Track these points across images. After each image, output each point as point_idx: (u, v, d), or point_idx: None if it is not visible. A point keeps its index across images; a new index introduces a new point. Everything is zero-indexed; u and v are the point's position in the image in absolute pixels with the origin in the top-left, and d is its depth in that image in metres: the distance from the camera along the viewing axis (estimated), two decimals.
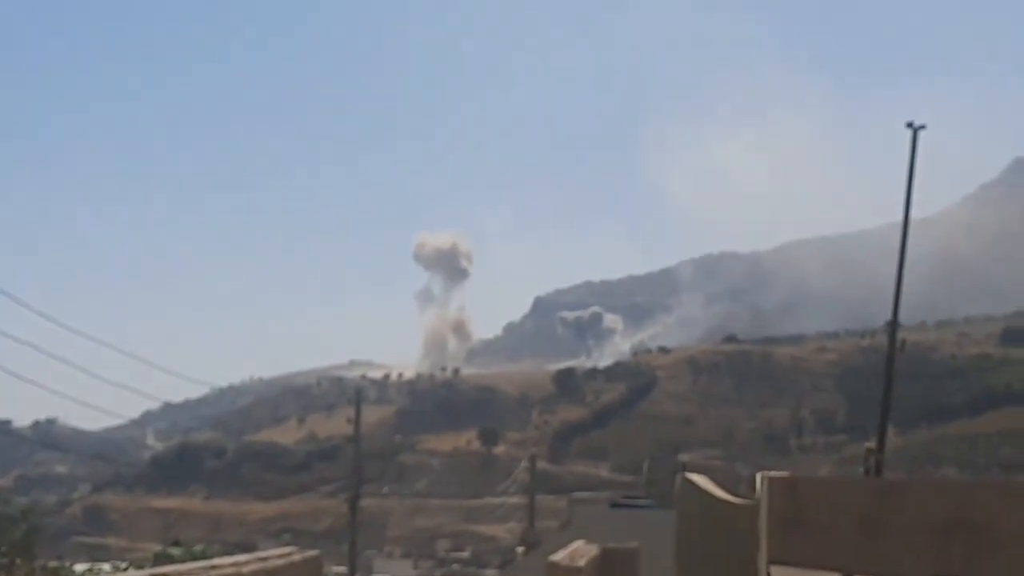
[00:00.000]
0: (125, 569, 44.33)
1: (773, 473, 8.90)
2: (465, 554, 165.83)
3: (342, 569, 51.71)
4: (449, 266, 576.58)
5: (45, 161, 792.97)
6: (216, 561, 5.30)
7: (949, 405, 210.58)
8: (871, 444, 24.40)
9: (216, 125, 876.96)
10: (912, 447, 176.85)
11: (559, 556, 6.78)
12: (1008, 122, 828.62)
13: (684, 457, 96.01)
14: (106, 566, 47.23)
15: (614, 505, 26.66)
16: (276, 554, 5.85)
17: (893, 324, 28.45)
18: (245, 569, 5.03)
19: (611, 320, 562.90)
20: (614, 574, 7.92)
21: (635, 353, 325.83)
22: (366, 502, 77.04)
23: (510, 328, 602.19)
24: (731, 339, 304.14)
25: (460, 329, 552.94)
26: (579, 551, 7.27)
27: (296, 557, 5.98)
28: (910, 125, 30.82)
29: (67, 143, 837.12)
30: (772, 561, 8.37)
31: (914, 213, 30.20)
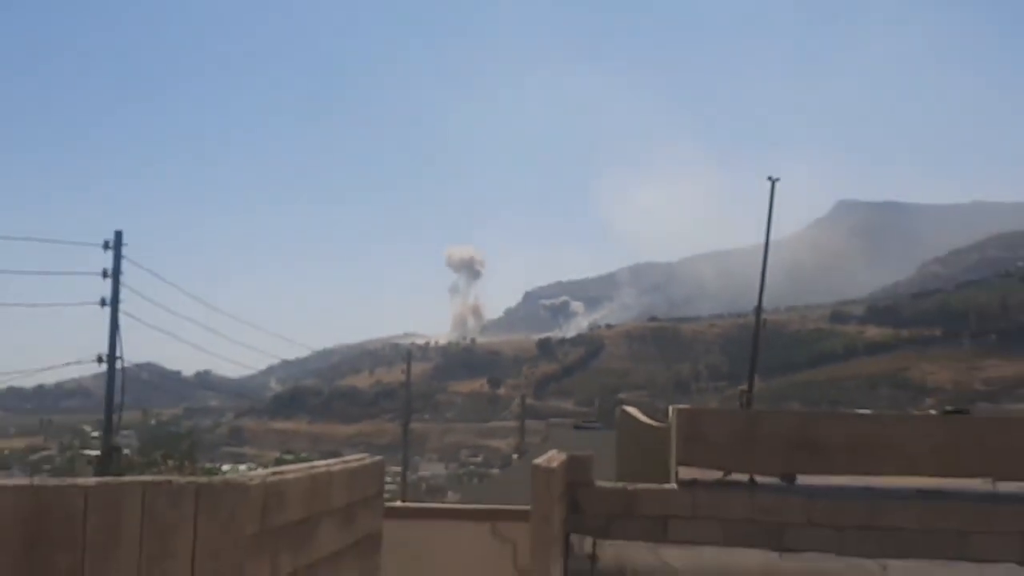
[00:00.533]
0: (254, 469, 44.03)
1: (680, 406, 8.86)
2: (479, 459, 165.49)
3: (398, 468, 51.70)
4: (469, 269, 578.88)
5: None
6: (317, 463, 5.22)
7: (795, 362, 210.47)
8: (744, 387, 24.33)
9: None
10: (771, 390, 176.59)
11: (540, 460, 6.70)
12: (833, 174, 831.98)
13: (621, 396, 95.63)
14: (243, 467, 47.10)
15: (577, 427, 26.42)
16: (354, 458, 5.77)
17: (758, 309, 28.42)
18: (334, 468, 4.93)
19: (576, 306, 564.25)
20: (576, 472, 7.83)
21: (590, 329, 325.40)
22: (414, 425, 77.14)
23: (509, 312, 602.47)
24: (654, 319, 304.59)
25: (476, 312, 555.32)
26: (553, 457, 7.18)
27: (367, 460, 5.89)
28: (769, 178, 30.57)
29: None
30: (679, 463, 8.31)
31: (772, 237, 30.01)
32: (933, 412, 15.97)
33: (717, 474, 8.20)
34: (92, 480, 3.80)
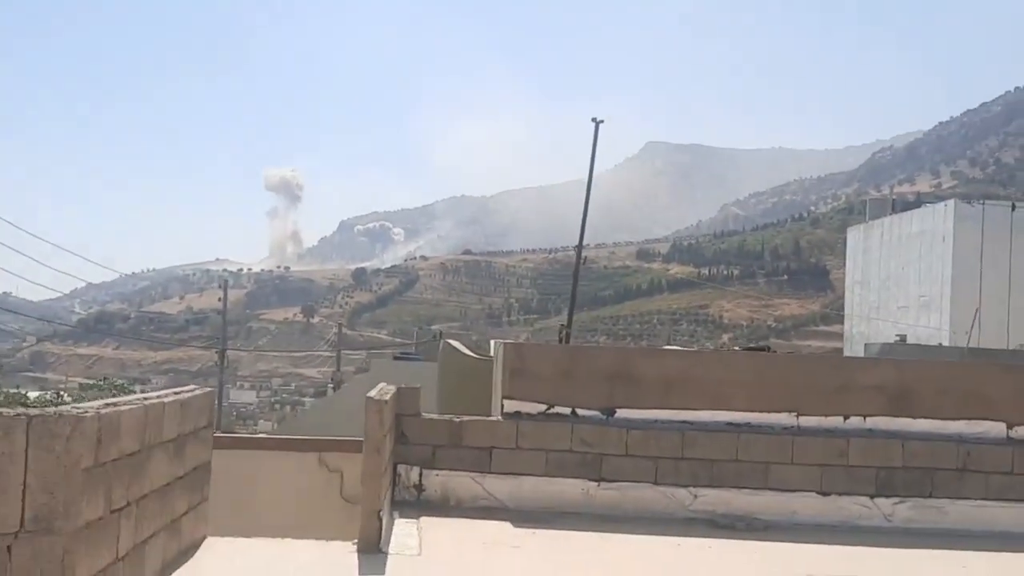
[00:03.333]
0: (59, 394, 42.11)
1: (506, 341, 8.97)
2: (291, 387, 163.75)
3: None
4: (287, 192, 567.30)
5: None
6: (149, 394, 5.03)
7: (602, 297, 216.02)
8: (564, 323, 24.75)
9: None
10: (579, 323, 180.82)
11: (373, 392, 6.67)
12: (644, 116, 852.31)
13: (435, 327, 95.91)
14: (48, 394, 45.02)
15: (396, 358, 26.39)
16: (184, 389, 5.61)
17: (579, 248, 28.84)
18: (167, 400, 4.78)
19: (395, 232, 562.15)
20: (404, 404, 7.84)
21: (406, 260, 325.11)
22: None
23: (324, 240, 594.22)
24: (468, 252, 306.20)
25: (295, 238, 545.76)
26: (384, 389, 7.16)
27: (198, 391, 5.74)
28: (593, 119, 30.74)
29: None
30: (504, 397, 8.43)
31: (583, 176, 30.27)
32: (736, 348, 16.65)
33: (541, 407, 8.37)
34: None
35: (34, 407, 3.92)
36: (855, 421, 8.50)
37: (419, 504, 7.97)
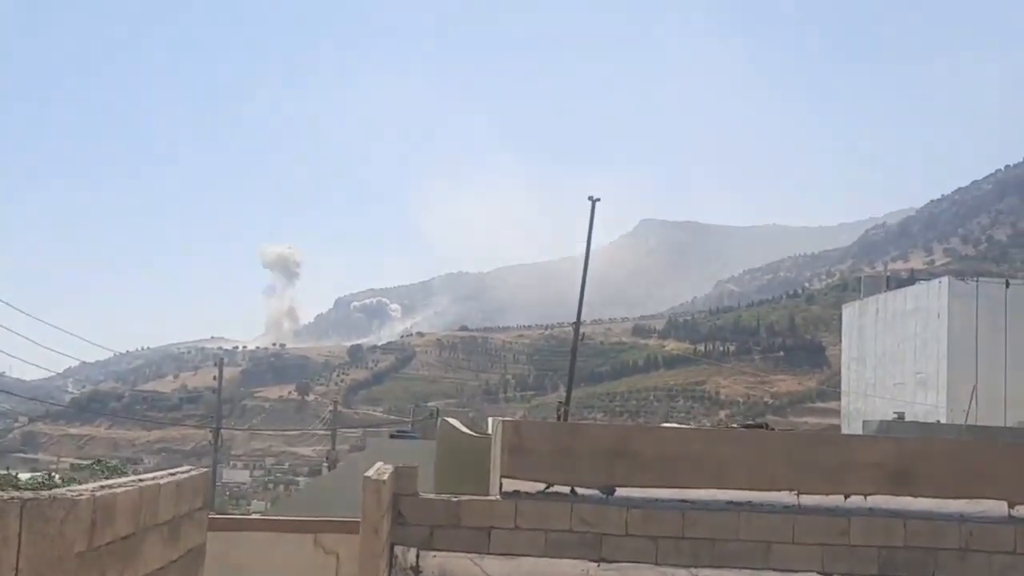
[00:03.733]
0: (51, 476, 41.53)
1: (504, 419, 8.93)
2: (285, 467, 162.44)
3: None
4: (284, 268, 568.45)
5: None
6: (144, 476, 4.96)
7: (599, 374, 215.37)
8: (562, 400, 24.65)
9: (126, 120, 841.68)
10: (575, 400, 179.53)
11: (370, 472, 6.60)
12: (638, 193, 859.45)
13: (431, 404, 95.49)
14: (40, 475, 44.45)
15: (392, 436, 26.18)
16: (180, 470, 5.54)
17: (577, 324, 28.81)
18: (162, 481, 4.72)
19: (392, 309, 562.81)
20: (402, 484, 7.75)
21: (402, 336, 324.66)
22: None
23: (320, 317, 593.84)
24: (464, 328, 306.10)
25: (291, 315, 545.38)
26: (381, 469, 7.10)
27: (194, 472, 5.68)
28: (590, 198, 30.84)
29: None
30: (503, 475, 8.35)
31: (579, 252, 30.37)
32: (734, 426, 16.57)
33: (540, 485, 8.29)
34: None
35: (26, 489, 3.85)
36: (856, 500, 8.42)
37: None
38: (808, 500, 8.36)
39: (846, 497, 8.40)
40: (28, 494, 3.63)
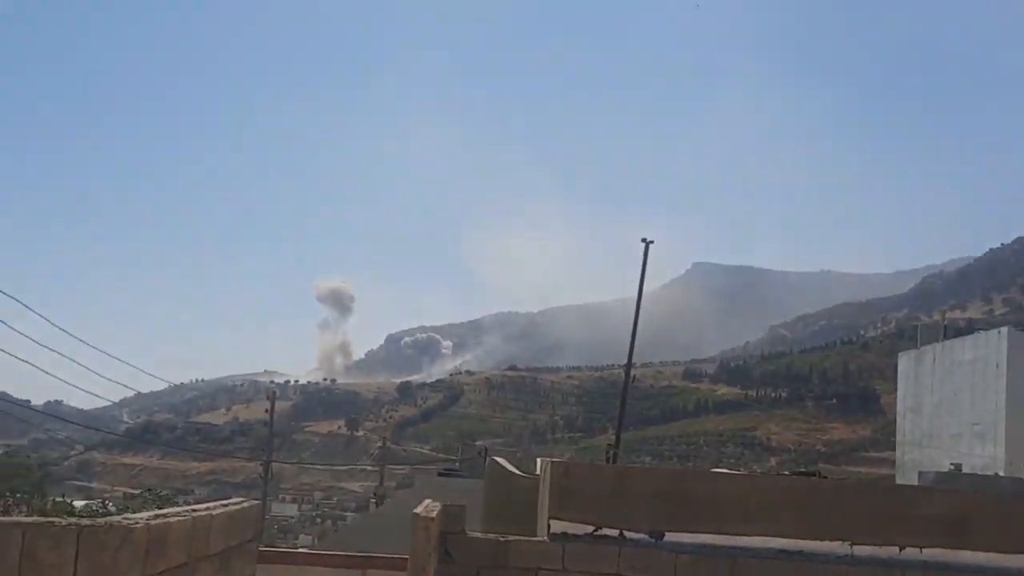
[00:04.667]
0: (104, 504, 42.08)
1: (553, 459, 8.90)
2: (332, 501, 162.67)
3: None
4: (338, 303, 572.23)
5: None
6: (196, 506, 5.01)
7: (648, 417, 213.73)
8: (611, 442, 24.54)
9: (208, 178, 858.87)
10: (624, 443, 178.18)
11: (419, 509, 6.60)
12: (691, 237, 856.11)
13: (479, 443, 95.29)
14: (93, 503, 45.05)
15: (440, 474, 26.16)
16: (232, 502, 5.58)
17: (628, 367, 28.72)
18: (215, 512, 4.77)
19: (444, 346, 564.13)
20: (450, 522, 7.74)
21: (451, 375, 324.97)
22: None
23: (370, 354, 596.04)
24: (513, 367, 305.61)
25: (345, 349, 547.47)
26: (430, 507, 7.09)
27: (245, 504, 5.72)
28: (644, 240, 30.70)
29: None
30: (551, 517, 8.30)
31: (632, 294, 30.20)
32: (786, 473, 16.38)
33: (588, 528, 8.23)
34: None
35: (82, 516, 3.92)
36: (911, 552, 8.25)
37: None
38: (861, 551, 8.22)
39: (900, 549, 8.24)
40: (85, 521, 3.68)
